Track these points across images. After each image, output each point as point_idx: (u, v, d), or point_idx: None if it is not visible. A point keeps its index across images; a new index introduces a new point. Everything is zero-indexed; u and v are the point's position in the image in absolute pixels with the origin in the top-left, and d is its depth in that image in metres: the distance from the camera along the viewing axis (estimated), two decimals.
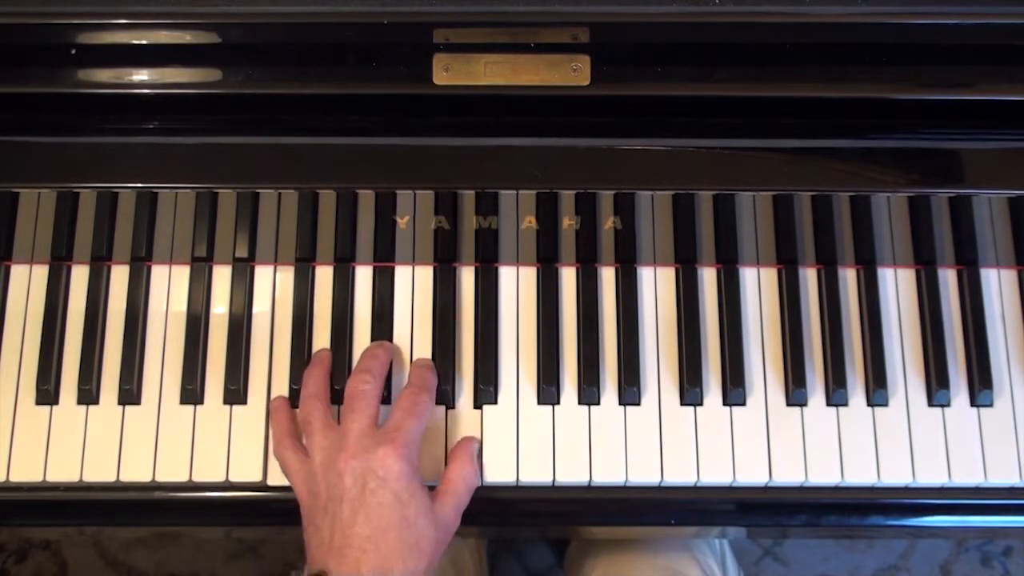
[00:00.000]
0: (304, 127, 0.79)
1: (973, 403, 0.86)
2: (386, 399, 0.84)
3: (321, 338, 0.86)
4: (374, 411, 0.79)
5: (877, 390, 0.85)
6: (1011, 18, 0.73)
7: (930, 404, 0.86)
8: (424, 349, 0.86)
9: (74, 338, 0.86)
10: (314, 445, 0.79)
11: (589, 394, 0.85)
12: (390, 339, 0.86)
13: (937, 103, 0.78)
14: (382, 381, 0.82)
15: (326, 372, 0.84)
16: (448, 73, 0.75)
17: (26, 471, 0.83)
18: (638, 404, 0.85)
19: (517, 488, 0.84)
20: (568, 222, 0.88)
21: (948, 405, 0.86)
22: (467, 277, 0.88)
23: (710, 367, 0.86)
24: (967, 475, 0.84)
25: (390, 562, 0.73)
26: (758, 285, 0.88)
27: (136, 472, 0.83)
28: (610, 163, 0.78)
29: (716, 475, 0.84)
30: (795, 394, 0.85)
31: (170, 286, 0.87)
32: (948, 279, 0.89)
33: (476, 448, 0.83)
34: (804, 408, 0.85)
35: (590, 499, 0.84)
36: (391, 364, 0.85)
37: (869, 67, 0.76)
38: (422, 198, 0.87)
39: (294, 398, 0.84)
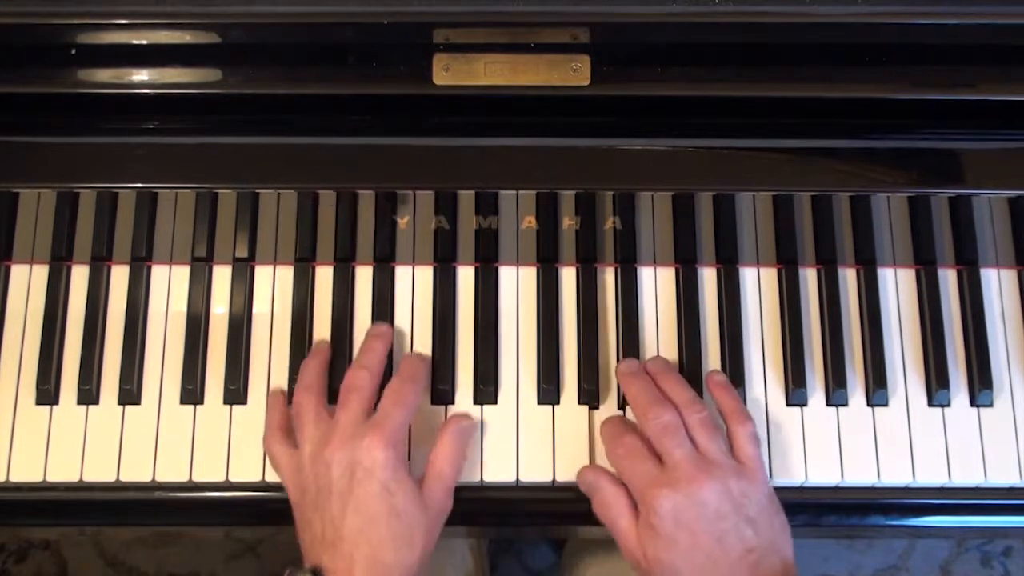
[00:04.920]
0: (304, 127, 0.79)
1: (973, 403, 0.86)
2: None
3: (321, 338, 0.86)
4: (367, 404, 0.79)
5: (877, 390, 0.85)
6: (1011, 18, 0.73)
7: (930, 404, 0.86)
8: (424, 349, 0.86)
9: (74, 338, 0.86)
10: (304, 436, 0.79)
11: (589, 394, 0.85)
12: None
13: (937, 103, 0.78)
14: (378, 375, 0.82)
15: (323, 364, 0.84)
16: (448, 73, 0.75)
17: (26, 471, 0.83)
18: None
19: (517, 488, 0.84)
20: (568, 222, 0.88)
21: (948, 405, 0.86)
22: (467, 277, 0.88)
23: (710, 367, 0.86)
24: (967, 475, 0.84)
25: (381, 553, 0.73)
26: (758, 285, 0.88)
27: (136, 472, 0.83)
28: (610, 163, 0.78)
29: None
30: (795, 394, 0.85)
31: (170, 286, 0.87)
32: (948, 279, 0.89)
33: (463, 426, 0.82)
34: (804, 408, 0.85)
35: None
36: (391, 355, 0.84)
37: (869, 67, 0.76)
38: (422, 198, 0.87)
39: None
